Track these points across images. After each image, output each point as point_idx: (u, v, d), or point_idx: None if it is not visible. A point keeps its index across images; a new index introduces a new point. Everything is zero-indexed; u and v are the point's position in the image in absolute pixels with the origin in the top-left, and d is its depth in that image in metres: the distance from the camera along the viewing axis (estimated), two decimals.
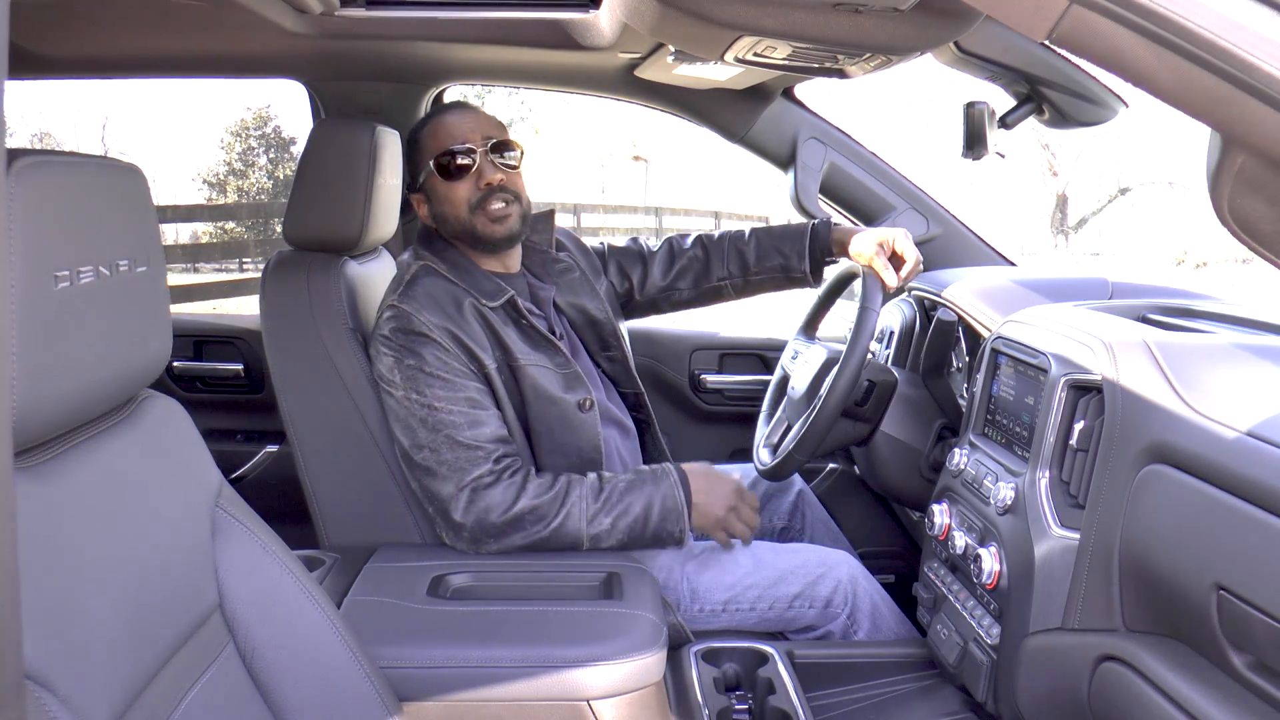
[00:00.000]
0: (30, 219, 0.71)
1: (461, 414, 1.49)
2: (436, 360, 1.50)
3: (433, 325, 1.50)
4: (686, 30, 1.24)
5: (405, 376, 1.50)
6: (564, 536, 1.49)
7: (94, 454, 0.83)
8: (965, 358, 1.71)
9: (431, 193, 1.63)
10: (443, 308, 1.53)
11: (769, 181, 15.72)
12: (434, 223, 1.65)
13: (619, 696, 1.21)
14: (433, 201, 1.64)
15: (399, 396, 1.51)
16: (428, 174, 1.62)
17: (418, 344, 1.50)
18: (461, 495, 1.47)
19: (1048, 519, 1.18)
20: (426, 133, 1.64)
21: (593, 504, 1.50)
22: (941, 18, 1.10)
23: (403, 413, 1.51)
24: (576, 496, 1.50)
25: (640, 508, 1.51)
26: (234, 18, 1.62)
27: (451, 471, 1.47)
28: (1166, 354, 1.11)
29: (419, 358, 1.50)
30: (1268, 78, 0.67)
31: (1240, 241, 0.77)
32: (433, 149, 1.62)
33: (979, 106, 1.76)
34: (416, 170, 1.65)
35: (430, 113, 1.72)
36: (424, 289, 1.55)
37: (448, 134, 1.61)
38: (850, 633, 1.60)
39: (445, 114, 1.65)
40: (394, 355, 1.51)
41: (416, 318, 1.51)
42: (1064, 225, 18.44)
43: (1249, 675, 0.94)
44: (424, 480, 1.51)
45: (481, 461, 1.48)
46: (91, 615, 0.77)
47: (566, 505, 1.49)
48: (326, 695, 1.02)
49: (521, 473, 1.50)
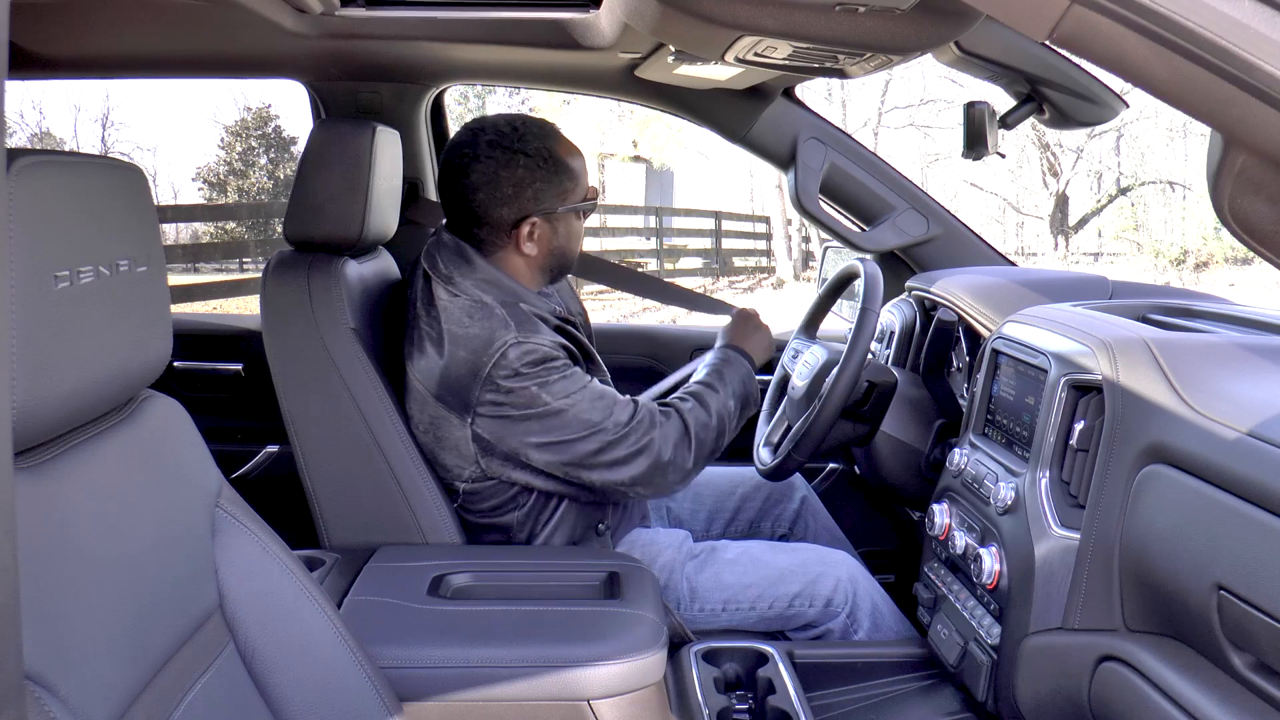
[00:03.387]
0: (30, 219, 0.71)
1: (604, 389, 1.53)
2: (566, 366, 1.50)
3: (553, 344, 1.50)
4: (687, 30, 1.24)
5: (557, 392, 1.47)
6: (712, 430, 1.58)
7: (94, 454, 0.83)
8: (965, 358, 1.71)
9: (561, 226, 1.60)
10: (539, 330, 1.51)
11: (769, 182, 15.65)
12: (536, 253, 1.59)
13: (619, 696, 1.21)
14: (556, 235, 1.60)
15: (554, 410, 1.47)
16: (570, 208, 1.59)
17: (552, 365, 1.48)
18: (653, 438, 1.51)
19: (1048, 519, 1.18)
20: (573, 161, 1.59)
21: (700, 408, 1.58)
22: (942, 18, 1.10)
23: (565, 429, 1.48)
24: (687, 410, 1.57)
25: (731, 391, 1.63)
26: (234, 18, 1.62)
27: (636, 428, 1.50)
28: (1166, 354, 1.11)
29: (558, 370, 1.49)
30: (1269, 78, 0.67)
31: (1241, 241, 0.77)
32: (584, 185, 1.61)
33: (979, 106, 1.75)
34: (546, 198, 1.56)
35: (555, 137, 1.60)
36: (524, 317, 1.51)
37: (585, 172, 1.62)
38: (850, 631, 1.60)
39: (577, 155, 1.61)
40: (536, 382, 1.47)
41: (543, 345, 1.48)
42: (1064, 225, 18.44)
43: (1249, 675, 0.94)
44: (615, 456, 1.50)
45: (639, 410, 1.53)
46: (91, 615, 0.77)
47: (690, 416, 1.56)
48: (326, 695, 1.02)
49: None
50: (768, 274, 16.88)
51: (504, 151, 1.54)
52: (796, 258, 16.62)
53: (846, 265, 1.81)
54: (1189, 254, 16.11)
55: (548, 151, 1.55)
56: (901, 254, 2.11)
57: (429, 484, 1.57)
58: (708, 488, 1.96)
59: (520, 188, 1.54)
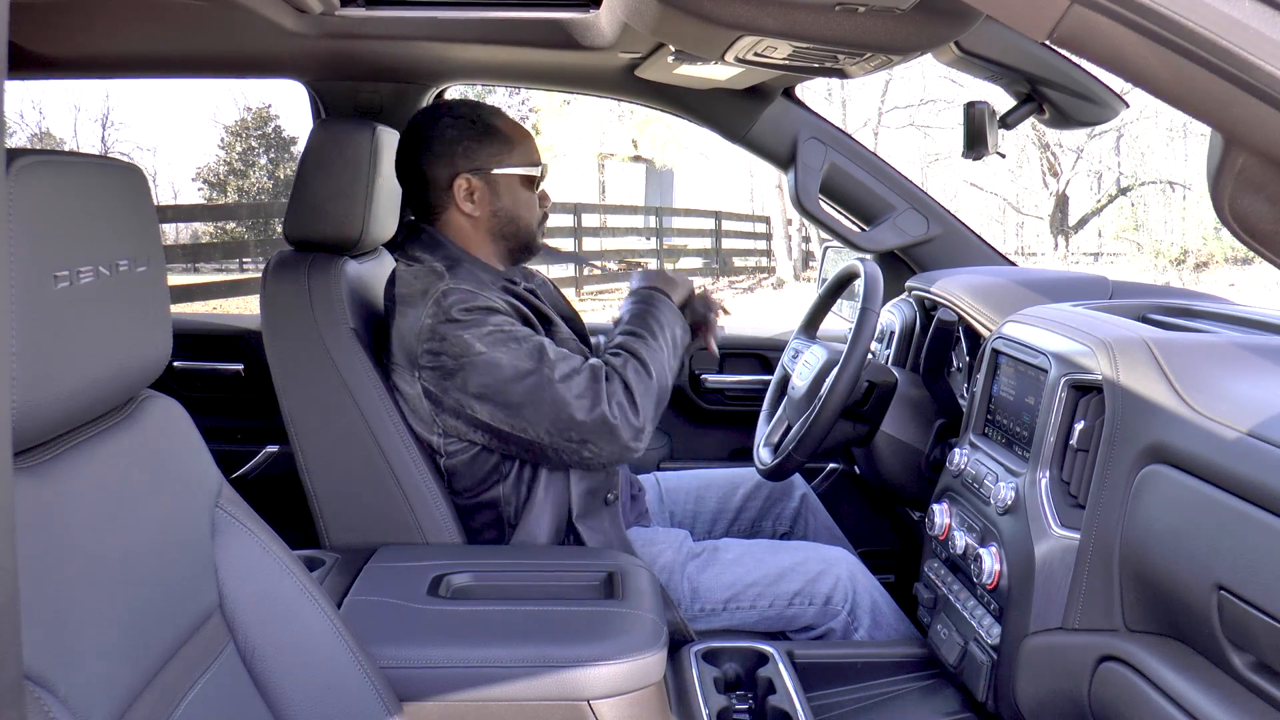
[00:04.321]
0: (30, 219, 0.71)
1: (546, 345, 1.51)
2: (507, 321, 1.50)
3: (494, 297, 1.52)
4: (687, 30, 1.24)
5: (491, 341, 1.48)
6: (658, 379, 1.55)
7: (94, 454, 0.83)
8: (965, 358, 1.71)
9: (502, 189, 1.63)
10: (480, 283, 1.55)
11: (769, 182, 15.61)
12: (479, 214, 1.62)
13: (619, 696, 1.21)
14: (498, 196, 1.63)
15: (488, 359, 1.47)
16: (508, 173, 1.62)
17: (488, 315, 1.49)
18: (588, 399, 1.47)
19: (1048, 519, 1.18)
20: (508, 129, 1.64)
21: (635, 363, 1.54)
22: (942, 18, 1.10)
23: (498, 374, 1.47)
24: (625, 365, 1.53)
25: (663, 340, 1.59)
26: (234, 18, 1.62)
27: (572, 377, 1.48)
28: (1166, 354, 1.11)
29: (494, 322, 1.49)
30: (1269, 77, 0.67)
31: (1241, 241, 0.77)
32: (523, 153, 1.63)
33: (979, 106, 1.76)
34: (477, 156, 1.61)
35: (491, 110, 1.67)
36: (467, 272, 1.56)
37: (533, 148, 1.66)
38: (851, 630, 1.60)
39: (516, 127, 1.66)
40: (471, 330, 1.48)
41: (479, 293, 1.51)
42: (1064, 225, 18.43)
43: (1249, 675, 0.94)
44: (541, 406, 1.47)
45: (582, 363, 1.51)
46: (91, 615, 0.77)
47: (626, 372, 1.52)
48: (326, 695, 1.02)
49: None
50: (768, 274, 16.88)
51: (432, 115, 1.64)
52: (796, 258, 16.62)
53: (846, 265, 1.81)
54: (1189, 254, 16.11)
55: (476, 115, 1.63)
56: (901, 254, 2.11)
57: (429, 484, 1.57)
58: (710, 489, 1.96)
59: (448, 145, 1.61)
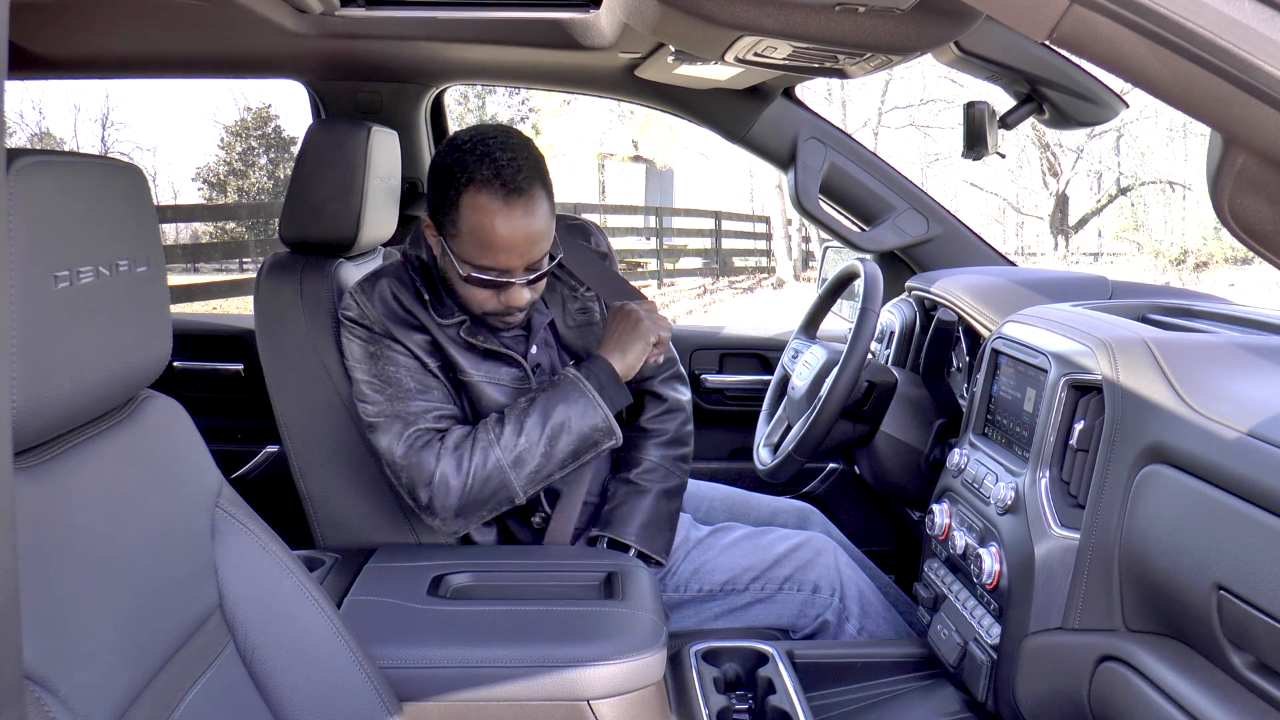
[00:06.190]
0: (30, 219, 0.71)
1: (410, 378, 1.48)
2: (373, 339, 1.50)
3: (373, 320, 1.49)
4: (687, 30, 1.24)
5: (353, 353, 1.51)
6: (490, 475, 1.44)
7: (94, 454, 0.83)
8: (965, 358, 1.71)
9: (448, 262, 1.46)
10: (394, 311, 1.49)
11: (769, 182, 15.61)
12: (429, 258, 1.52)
13: (619, 696, 1.21)
14: (442, 261, 1.48)
15: (351, 368, 1.52)
16: (455, 254, 1.42)
17: (357, 327, 1.51)
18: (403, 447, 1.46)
19: (1048, 519, 1.18)
20: (473, 209, 1.38)
21: (497, 430, 1.45)
22: (941, 18, 1.10)
23: (358, 385, 1.51)
24: (481, 433, 1.46)
25: (554, 414, 1.46)
26: (234, 18, 1.62)
27: (394, 420, 1.46)
28: (1166, 354, 1.11)
29: (354, 336, 1.51)
30: (1268, 77, 0.67)
31: (1241, 241, 0.77)
32: (474, 246, 1.40)
33: (979, 106, 1.76)
34: (443, 214, 1.42)
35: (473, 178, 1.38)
36: (386, 287, 1.50)
37: (493, 244, 1.39)
38: (843, 618, 1.62)
39: (496, 212, 1.37)
40: (347, 337, 1.52)
41: (361, 308, 1.50)
42: (1064, 225, 18.43)
43: (1249, 675, 0.94)
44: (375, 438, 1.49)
45: (425, 415, 1.47)
46: (91, 615, 0.77)
47: (476, 443, 1.45)
48: (326, 695, 1.02)
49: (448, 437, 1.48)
50: (768, 274, 16.88)
51: (447, 148, 1.44)
52: (796, 258, 16.62)
53: (846, 265, 1.81)
54: (1189, 254, 16.10)
55: (457, 191, 1.40)
56: (901, 254, 2.11)
57: None
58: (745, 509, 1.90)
59: (434, 173, 1.44)
